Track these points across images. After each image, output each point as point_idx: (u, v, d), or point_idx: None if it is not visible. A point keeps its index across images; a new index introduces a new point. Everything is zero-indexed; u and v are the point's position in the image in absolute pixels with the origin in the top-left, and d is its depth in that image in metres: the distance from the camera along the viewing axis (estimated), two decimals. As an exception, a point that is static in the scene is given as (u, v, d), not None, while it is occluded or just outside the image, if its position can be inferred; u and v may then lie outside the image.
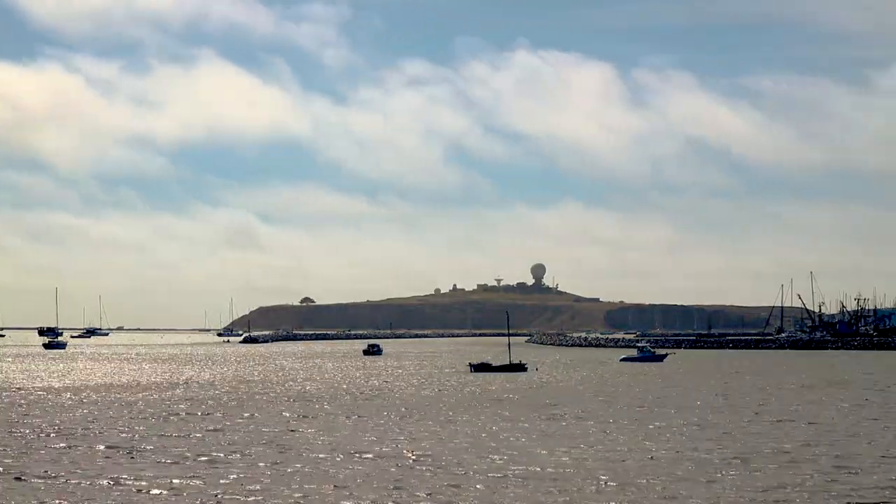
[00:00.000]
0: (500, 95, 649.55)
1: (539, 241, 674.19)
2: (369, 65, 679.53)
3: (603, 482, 30.69)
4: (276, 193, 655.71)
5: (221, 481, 30.82)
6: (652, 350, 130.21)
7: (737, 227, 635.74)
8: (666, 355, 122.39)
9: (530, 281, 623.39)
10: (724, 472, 32.50)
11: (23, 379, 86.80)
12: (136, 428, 45.11)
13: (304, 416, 50.82)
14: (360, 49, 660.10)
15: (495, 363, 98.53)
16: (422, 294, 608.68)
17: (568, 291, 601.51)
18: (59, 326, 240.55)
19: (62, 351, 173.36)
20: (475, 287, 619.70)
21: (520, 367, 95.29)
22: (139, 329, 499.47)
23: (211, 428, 45.07)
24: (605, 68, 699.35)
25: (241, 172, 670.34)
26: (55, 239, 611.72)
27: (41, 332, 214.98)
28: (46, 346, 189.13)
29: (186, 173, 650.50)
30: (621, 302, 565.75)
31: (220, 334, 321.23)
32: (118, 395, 65.77)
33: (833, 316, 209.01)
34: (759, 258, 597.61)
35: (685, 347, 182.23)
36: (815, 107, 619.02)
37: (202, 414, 52.29)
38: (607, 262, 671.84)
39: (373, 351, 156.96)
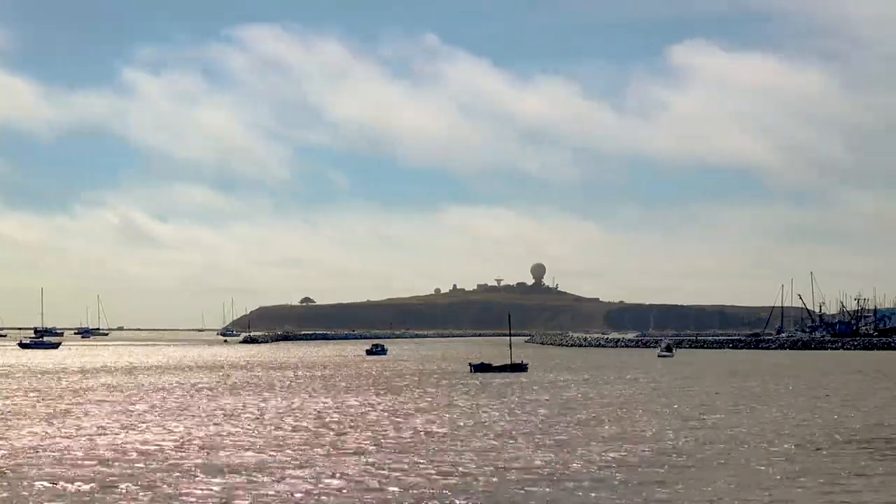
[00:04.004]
0: (264, 76, 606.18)
1: (448, 241, 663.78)
2: (99, 48, 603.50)
3: None
4: (146, 191, 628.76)
5: None
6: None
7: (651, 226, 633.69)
8: None
9: (530, 281, 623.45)
10: None
11: None
12: None
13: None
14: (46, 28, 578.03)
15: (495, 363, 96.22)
16: (422, 294, 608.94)
17: (568, 292, 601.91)
18: (57, 327, 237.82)
19: (54, 351, 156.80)
20: (475, 287, 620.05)
21: (520, 368, 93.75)
22: (140, 329, 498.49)
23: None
24: (343, 42, 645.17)
25: (83, 169, 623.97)
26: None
27: (36, 332, 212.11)
28: (24, 345, 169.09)
29: (18, 171, 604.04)
30: (621, 302, 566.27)
31: (222, 334, 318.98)
32: None
33: (833, 316, 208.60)
34: (706, 259, 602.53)
35: (685, 347, 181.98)
36: (623, 90, 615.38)
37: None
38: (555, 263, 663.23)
39: (376, 351, 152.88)
